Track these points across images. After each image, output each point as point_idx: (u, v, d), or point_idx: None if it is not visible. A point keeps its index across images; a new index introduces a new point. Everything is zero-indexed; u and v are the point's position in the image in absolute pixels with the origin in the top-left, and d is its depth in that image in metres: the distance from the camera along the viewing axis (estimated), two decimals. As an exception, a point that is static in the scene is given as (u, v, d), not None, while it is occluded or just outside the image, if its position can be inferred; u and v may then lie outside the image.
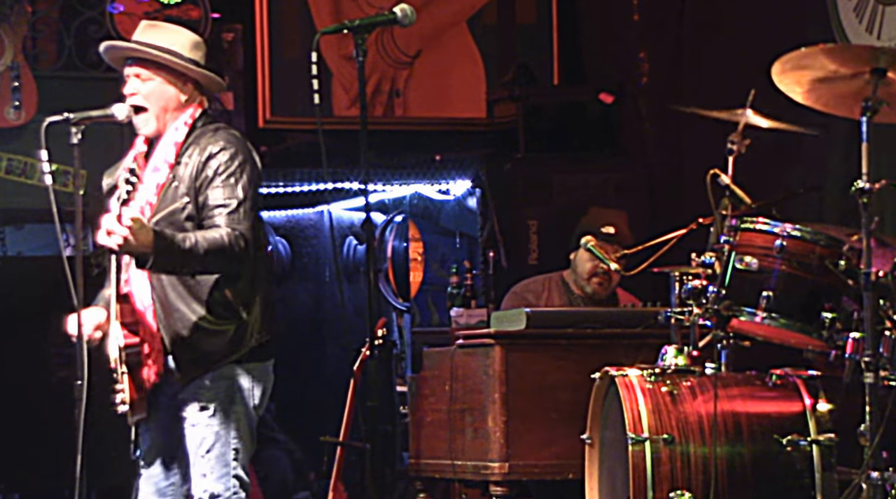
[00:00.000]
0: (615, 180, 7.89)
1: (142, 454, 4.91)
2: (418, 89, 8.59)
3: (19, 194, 7.78)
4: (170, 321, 4.75)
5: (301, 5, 8.43)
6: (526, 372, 5.90)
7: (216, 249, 4.63)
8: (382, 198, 9.05)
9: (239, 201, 4.73)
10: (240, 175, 4.76)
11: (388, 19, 4.65)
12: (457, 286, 8.04)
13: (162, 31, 4.91)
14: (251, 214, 4.75)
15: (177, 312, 4.75)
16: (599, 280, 6.44)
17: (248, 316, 4.80)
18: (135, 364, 4.71)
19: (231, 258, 4.67)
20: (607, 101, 8.05)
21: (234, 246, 4.66)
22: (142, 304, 4.78)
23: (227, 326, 4.78)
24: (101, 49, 4.93)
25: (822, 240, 4.90)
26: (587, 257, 6.39)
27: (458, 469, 6.10)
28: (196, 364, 4.78)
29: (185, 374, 4.78)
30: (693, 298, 5.01)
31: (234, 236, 4.66)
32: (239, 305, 4.78)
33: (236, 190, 4.74)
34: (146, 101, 4.82)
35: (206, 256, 4.62)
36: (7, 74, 7.69)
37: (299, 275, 9.45)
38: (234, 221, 4.70)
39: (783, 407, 4.95)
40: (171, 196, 4.77)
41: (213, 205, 4.72)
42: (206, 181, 4.74)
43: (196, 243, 4.61)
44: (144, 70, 4.84)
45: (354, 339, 6.97)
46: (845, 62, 4.60)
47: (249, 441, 4.87)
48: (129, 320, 4.73)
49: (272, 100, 8.37)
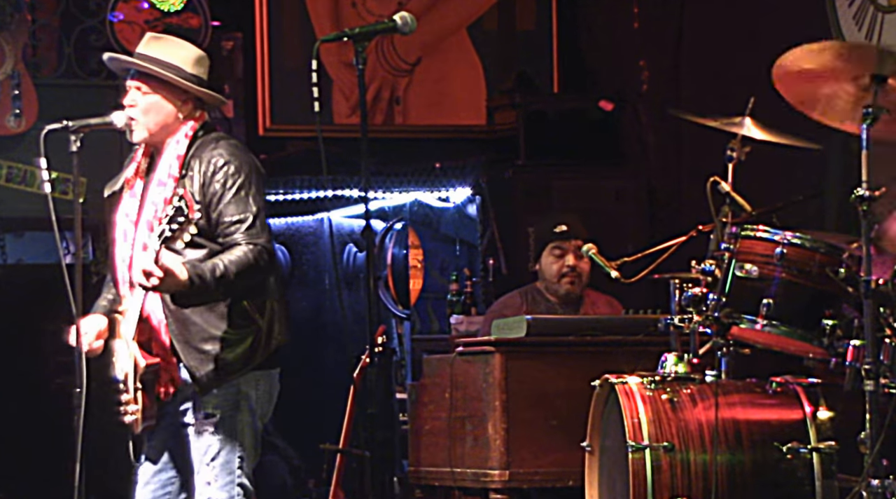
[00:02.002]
0: (615, 187, 7.89)
1: (144, 460, 4.91)
2: (418, 97, 8.59)
3: (19, 202, 7.79)
4: (186, 335, 4.75)
5: (301, 13, 8.43)
6: (526, 380, 5.90)
7: (243, 269, 4.67)
8: (382, 205, 9.05)
9: (254, 215, 4.75)
10: (249, 187, 4.77)
11: (388, 27, 4.64)
12: (457, 294, 8.04)
13: (166, 44, 4.90)
14: (267, 225, 4.79)
15: (194, 327, 4.75)
16: (570, 279, 6.49)
17: (263, 324, 4.80)
18: (151, 382, 4.72)
19: (257, 274, 4.72)
20: (607, 109, 8.05)
21: (259, 261, 4.70)
22: (157, 320, 4.79)
23: (246, 336, 4.79)
24: (105, 59, 4.94)
25: (823, 248, 4.89)
26: (551, 260, 6.49)
27: (458, 477, 6.09)
28: (217, 376, 4.77)
29: (205, 386, 4.77)
30: (693, 305, 5.01)
31: (256, 252, 4.70)
32: (255, 313, 4.79)
33: (249, 203, 4.75)
34: (144, 115, 4.83)
35: (236, 280, 4.67)
36: (7, 82, 7.70)
37: (299, 282, 9.44)
38: (252, 235, 4.72)
39: (783, 415, 4.94)
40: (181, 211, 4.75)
41: (229, 222, 4.74)
42: (215, 196, 4.75)
43: (225, 270, 4.64)
44: (145, 85, 4.84)
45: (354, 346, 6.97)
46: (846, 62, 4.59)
47: (254, 450, 4.87)
48: (145, 338, 4.74)
49: (272, 107, 8.37)
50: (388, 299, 9.02)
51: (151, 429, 4.83)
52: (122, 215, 4.85)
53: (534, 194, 7.84)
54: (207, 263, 4.65)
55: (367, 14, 8.47)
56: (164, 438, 4.89)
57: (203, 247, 4.73)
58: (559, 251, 6.49)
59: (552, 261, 6.51)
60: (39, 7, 8.00)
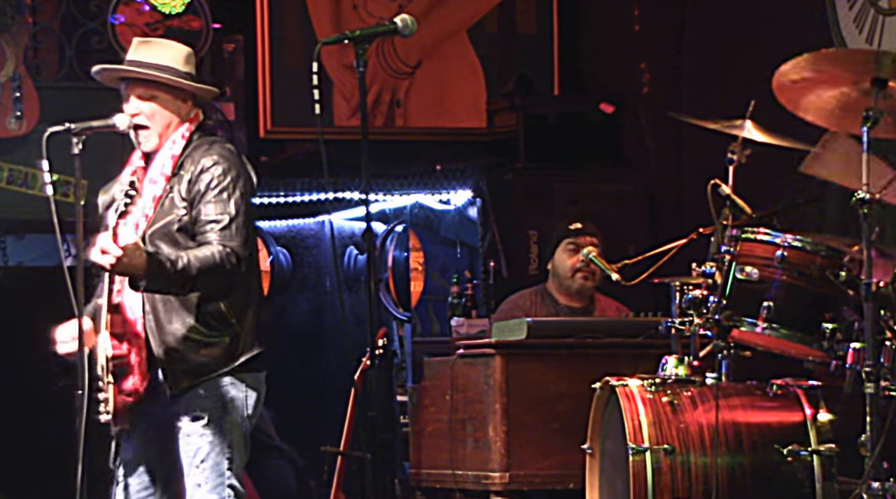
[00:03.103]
0: (615, 190, 7.89)
1: (121, 464, 4.90)
2: (419, 99, 8.59)
3: (20, 204, 7.78)
4: (161, 333, 4.77)
5: (302, 16, 8.43)
6: (527, 382, 5.90)
7: (207, 268, 4.66)
8: (383, 208, 9.05)
9: (231, 217, 4.75)
10: (232, 190, 4.78)
11: (388, 30, 4.65)
12: (457, 296, 8.04)
13: (154, 47, 4.92)
14: (244, 230, 4.77)
15: (169, 325, 4.77)
16: (584, 274, 6.53)
17: (241, 328, 4.81)
18: (121, 374, 4.72)
19: (222, 276, 4.70)
20: (608, 112, 8.06)
21: (226, 263, 4.69)
22: (132, 314, 4.79)
23: (221, 338, 4.79)
24: (94, 72, 4.95)
25: (823, 250, 4.90)
26: (566, 256, 6.53)
27: (459, 479, 6.10)
28: (187, 375, 4.78)
29: (175, 385, 4.78)
30: (694, 308, 5.02)
31: (224, 254, 4.69)
32: (233, 316, 4.80)
33: (228, 205, 4.76)
34: (150, 120, 4.85)
35: (198, 276, 4.66)
36: (8, 85, 7.70)
37: (300, 285, 9.44)
38: (225, 237, 4.72)
39: (784, 417, 4.95)
40: (166, 208, 4.79)
41: (206, 221, 4.75)
42: (198, 195, 4.77)
43: (188, 264, 4.63)
44: (143, 90, 4.86)
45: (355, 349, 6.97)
46: (847, 69, 4.60)
47: (243, 451, 4.87)
48: (119, 331, 4.75)
49: (273, 110, 8.37)
50: (388, 302, 9.02)
51: (127, 432, 4.82)
52: (113, 213, 4.86)
53: (534, 197, 7.84)
54: (172, 253, 4.66)
55: (368, 16, 8.47)
56: (148, 442, 4.88)
57: (183, 245, 4.74)
58: (573, 246, 6.52)
59: (567, 256, 6.54)
60: (40, 9, 8.00)
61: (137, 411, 4.79)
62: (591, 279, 6.54)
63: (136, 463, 4.90)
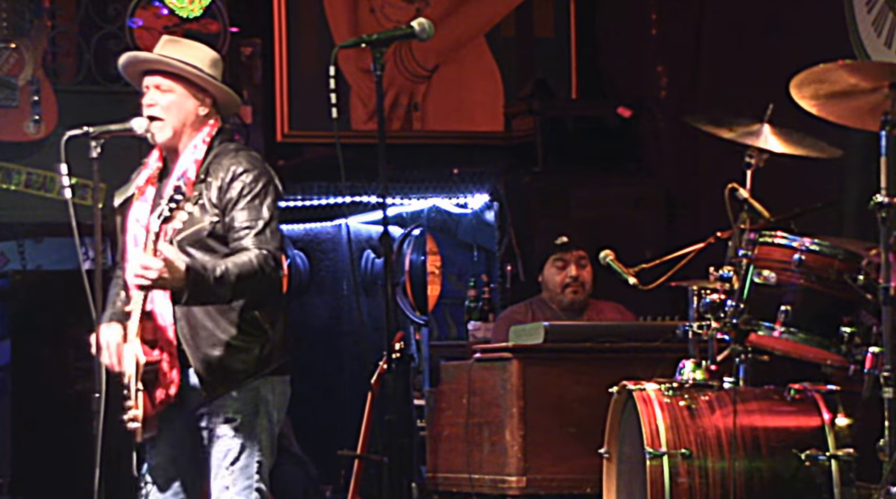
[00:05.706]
0: (633, 194, 7.89)
1: (148, 471, 4.89)
2: (436, 103, 8.60)
3: (39, 208, 7.81)
4: (196, 339, 4.76)
5: (319, 19, 8.45)
6: (543, 386, 5.90)
7: (247, 273, 4.66)
8: (400, 211, 9.05)
9: (265, 222, 4.76)
10: (264, 196, 4.79)
11: (406, 33, 4.65)
12: (474, 300, 8.04)
13: (182, 46, 4.92)
14: (278, 234, 4.79)
15: (204, 331, 4.76)
16: (573, 288, 6.60)
17: (274, 333, 4.82)
18: (151, 382, 4.71)
19: (262, 280, 4.71)
20: (625, 116, 8.05)
21: (265, 266, 4.70)
22: (164, 320, 4.78)
23: (256, 344, 4.80)
24: (121, 61, 4.93)
25: (841, 254, 4.89)
26: (554, 272, 6.62)
27: (476, 483, 6.09)
28: (224, 382, 4.78)
29: (211, 391, 4.78)
30: (711, 312, 5.01)
31: (262, 257, 4.70)
32: (266, 322, 4.81)
33: (261, 211, 4.77)
34: (165, 112, 4.83)
35: (238, 283, 4.66)
36: (27, 89, 7.73)
37: (317, 288, 9.45)
38: (261, 241, 4.73)
39: (802, 422, 4.93)
40: (196, 215, 4.75)
41: (240, 227, 4.75)
42: (230, 202, 4.76)
43: (227, 271, 4.64)
44: (165, 80, 4.84)
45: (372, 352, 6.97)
46: (865, 77, 4.60)
47: (270, 455, 4.88)
48: (150, 338, 4.73)
49: (290, 113, 8.39)
50: (405, 305, 9.02)
51: (153, 440, 4.81)
52: (133, 221, 4.85)
53: (551, 201, 7.84)
54: (209, 262, 4.66)
55: (386, 20, 8.47)
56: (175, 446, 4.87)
57: (216, 252, 4.74)
58: (561, 263, 6.60)
59: (554, 272, 6.62)
60: (59, 13, 8.03)
61: (164, 416, 4.79)
62: (581, 292, 6.60)
63: (164, 467, 4.89)
